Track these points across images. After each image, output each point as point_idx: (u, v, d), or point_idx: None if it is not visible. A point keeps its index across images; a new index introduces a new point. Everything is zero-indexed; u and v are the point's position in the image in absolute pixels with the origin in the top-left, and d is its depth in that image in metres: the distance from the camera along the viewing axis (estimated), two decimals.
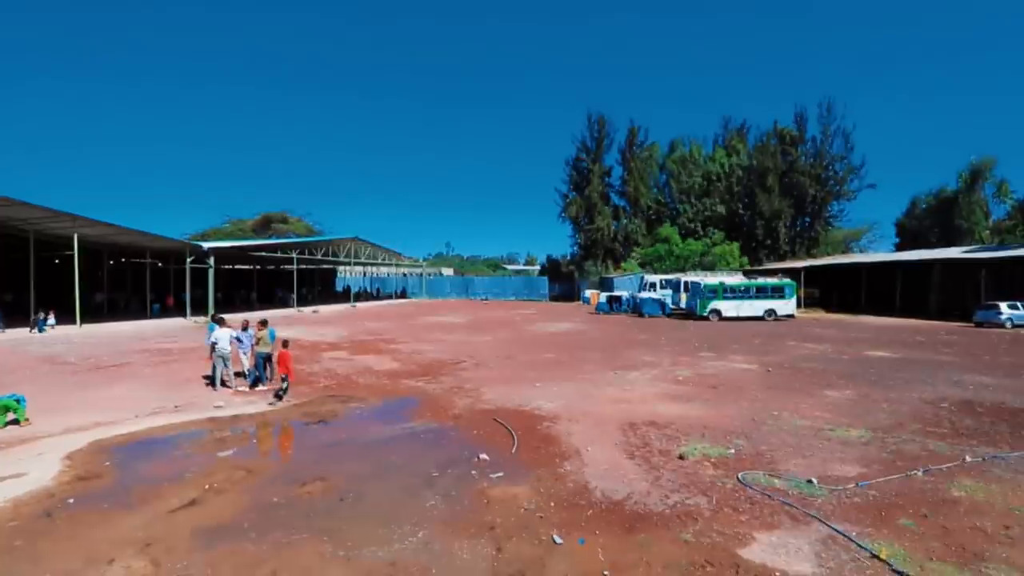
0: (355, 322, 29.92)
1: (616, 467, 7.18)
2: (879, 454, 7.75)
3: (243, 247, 39.80)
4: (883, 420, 9.62)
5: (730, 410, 10.26)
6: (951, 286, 35.21)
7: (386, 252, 54.85)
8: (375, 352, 18.17)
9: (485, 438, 8.53)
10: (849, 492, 6.34)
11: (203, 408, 10.43)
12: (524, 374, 14.06)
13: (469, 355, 17.49)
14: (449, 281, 67.92)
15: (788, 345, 20.28)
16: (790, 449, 7.95)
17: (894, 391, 12.10)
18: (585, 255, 56.07)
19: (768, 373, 14.28)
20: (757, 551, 4.98)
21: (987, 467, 7.22)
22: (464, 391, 12.06)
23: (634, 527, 5.45)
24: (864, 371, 14.67)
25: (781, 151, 52.10)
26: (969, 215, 48.55)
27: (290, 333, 23.50)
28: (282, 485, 6.56)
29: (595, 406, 10.58)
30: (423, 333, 24.14)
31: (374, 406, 10.87)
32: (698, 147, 60.64)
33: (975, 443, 8.29)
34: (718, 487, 6.49)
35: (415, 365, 15.47)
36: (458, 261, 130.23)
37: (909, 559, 4.82)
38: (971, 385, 12.82)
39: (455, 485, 6.56)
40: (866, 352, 18.49)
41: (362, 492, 6.35)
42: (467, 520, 5.59)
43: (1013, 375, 14.19)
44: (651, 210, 57.71)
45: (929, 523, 5.56)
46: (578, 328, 26.83)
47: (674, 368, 14.94)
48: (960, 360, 16.85)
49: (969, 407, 10.65)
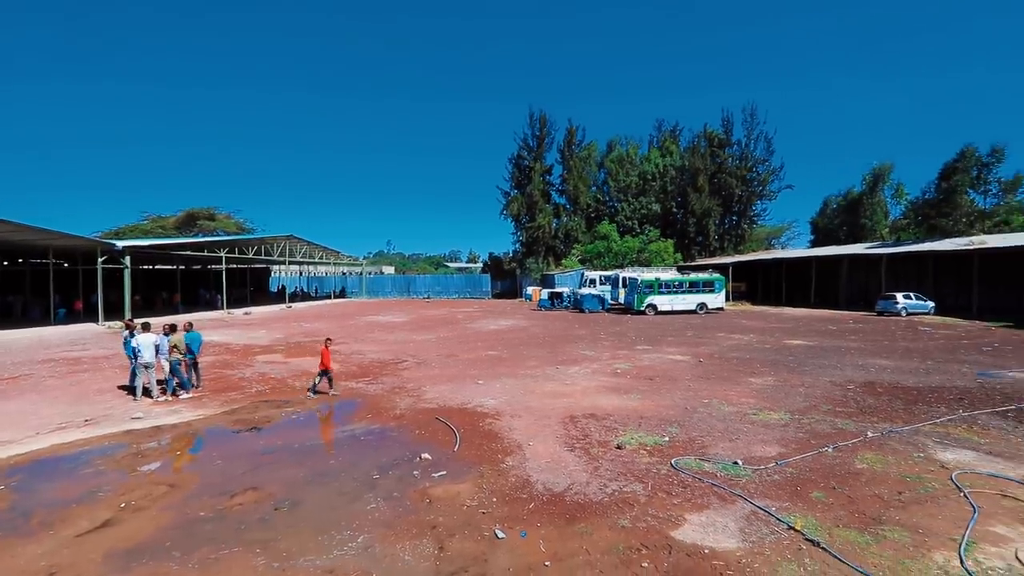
0: (291, 324, 28.63)
1: (557, 460, 7.34)
2: (796, 434, 8.40)
3: (164, 246, 36.93)
4: (799, 403, 10.44)
5: (665, 400, 10.75)
6: (857, 279, 38.71)
7: (324, 250, 52.81)
8: (312, 354, 17.47)
9: (427, 437, 8.45)
10: (769, 471, 6.84)
11: (119, 421, 9.63)
12: (466, 372, 14.04)
13: (411, 354, 17.23)
14: (390, 280, 66.44)
15: (718, 336, 21.49)
16: (718, 434, 8.45)
17: (809, 376, 13.15)
18: (527, 252, 56.59)
19: (700, 364, 15.08)
20: (688, 531, 5.27)
21: (885, 440, 8.02)
22: (406, 391, 11.88)
23: (574, 517, 5.60)
24: (784, 359, 15.83)
25: (710, 153, 54.98)
26: (872, 215, 53.37)
27: (219, 337, 22.15)
28: (210, 498, 6.19)
29: (537, 401, 10.75)
30: (363, 333, 23.50)
31: (311, 410, 10.48)
32: (634, 147, 62.77)
33: (875, 420, 9.18)
34: (653, 473, 6.79)
35: (355, 366, 15.04)
36: (399, 259, 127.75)
37: (820, 528, 5.28)
38: (873, 368, 14.16)
39: (397, 486, 6.47)
40: (785, 341, 19.94)
41: (298, 500, 6.12)
42: (409, 521, 5.53)
43: (907, 358, 15.81)
44: (590, 208, 59.11)
45: (837, 494, 6.10)
46: (520, 325, 27.09)
47: (613, 361, 15.44)
48: (864, 346, 18.56)
49: (871, 388, 11.77)
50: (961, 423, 8.94)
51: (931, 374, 13.28)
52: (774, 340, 20.18)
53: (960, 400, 10.57)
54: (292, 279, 64.56)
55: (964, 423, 8.94)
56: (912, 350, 17.47)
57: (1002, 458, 7.25)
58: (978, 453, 7.46)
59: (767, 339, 20.51)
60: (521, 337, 21.79)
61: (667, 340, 20.37)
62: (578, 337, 21.56)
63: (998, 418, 9.26)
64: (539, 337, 21.72)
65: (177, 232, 59.18)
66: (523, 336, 22.17)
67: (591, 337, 21.53)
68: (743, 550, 4.88)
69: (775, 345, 18.83)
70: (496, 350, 18.04)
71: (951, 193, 41.98)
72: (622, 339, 20.77)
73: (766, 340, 20.20)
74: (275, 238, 44.71)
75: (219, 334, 23.45)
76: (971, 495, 5.96)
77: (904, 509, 5.71)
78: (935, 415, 9.42)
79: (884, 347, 18.22)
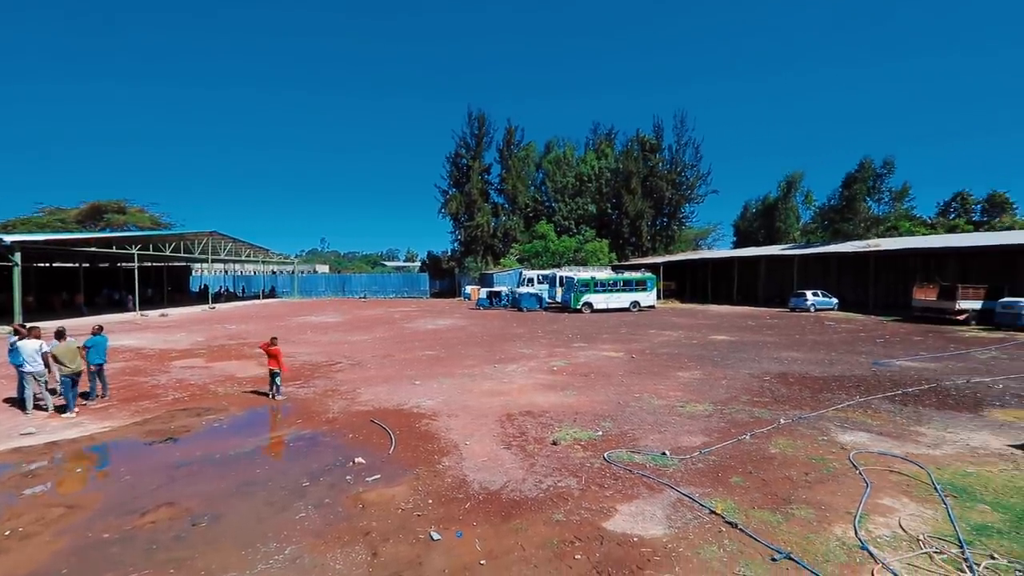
0: (214, 326, 26.81)
1: (494, 458, 7.38)
2: (718, 424, 8.95)
3: (64, 241, 33.27)
4: (722, 395, 11.12)
5: (599, 396, 11.09)
6: (774, 278, 41.79)
7: (251, 248, 49.88)
8: (238, 357, 16.48)
9: (361, 441, 8.22)
10: (694, 459, 7.24)
11: (5, 438, 8.61)
12: (403, 372, 13.79)
13: (345, 356, 16.67)
14: (324, 279, 63.85)
15: (649, 333, 22.45)
16: (648, 427, 8.83)
17: (731, 369, 14.04)
18: (466, 251, 56.40)
19: (632, 360, 15.68)
20: (619, 521, 5.47)
21: (795, 426, 8.72)
22: (339, 393, 11.48)
23: (510, 514, 5.65)
24: (709, 353, 16.80)
25: (643, 157, 57.30)
26: (785, 218, 57.91)
27: (130, 341, 20.37)
28: (115, 518, 5.68)
29: (474, 400, 10.74)
30: (294, 334, 22.43)
31: (236, 417, 9.87)
32: (571, 149, 64.19)
33: (787, 408, 9.96)
34: (587, 467, 6.99)
35: (287, 369, 14.30)
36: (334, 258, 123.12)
37: (738, 510, 5.66)
38: (786, 360, 15.36)
39: (328, 493, 6.24)
40: (710, 337, 21.18)
41: (219, 513, 5.75)
42: (340, 528, 5.35)
43: (815, 350, 17.29)
44: (529, 208, 59.82)
45: (753, 478, 6.57)
46: (459, 324, 26.96)
47: (549, 359, 15.72)
48: (778, 340, 20.08)
49: (784, 379, 12.76)
50: (858, 408, 9.90)
51: (834, 365, 14.59)
52: (700, 336, 21.36)
53: (858, 387, 11.70)
54: (216, 278, 60.46)
55: (860, 408, 9.91)
56: (819, 343, 19.11)
57: (890, 438, 8.11)
58: (871, 434, 8.29)
59: (694, 335, 21.68)
60: (459, 336, 21.69)
61: (602, 337, 21.02)
62: (516, 336, 21.77)
63: (888, 402, 10.34)
64: (477, 336, 21.72)
65: (80, 226, 53.63)
66: (461, 335, 22.07)
67: (529, 335, 21.81)
68: (669, 536, 5.14)
69: (701, 341, 19.94)
70: (434, 350, 17.84)
71: (852, 200, 46.32)
72: (559, 337, 21.19)
73: (693, 336, 21.35)
74: (196, 234, 41.65)
75: (131, 338, 21.56)
76: (865, 472, 6.62)
77: (810, 488, 6.24)
78: (837, 401, 10.36)
79: (795, 341, 19.80)
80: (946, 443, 7.89)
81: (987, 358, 15.73)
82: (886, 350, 17.28)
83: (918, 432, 8.43)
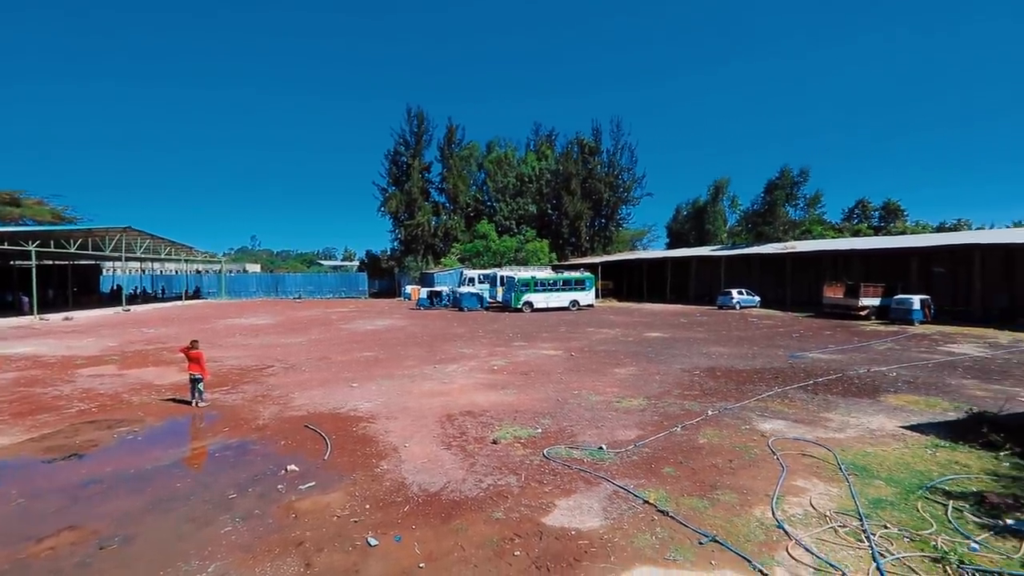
0: (129, 329, 24.67)
1: (434, 459, 7.31)
2: (652, 417, 9.34)
3: None
4: (655, 389, 11.62)
5: (539, 393, 11.26)
6: (704, 277, 44.14)
7: (172, 245, 46.24)
8: (156, 364, 15.28)
9: (295, 448, 7.87)
10: (629, 452, 7.52)
11: None
12: (340, 375, 13.34)
13: (278, 359, 15.89)
14: (255, 279, 60.42)
15: (588, 331, 23.05)
16: (586, 422, 9.07)
17: (664, 364, 14.70)
18: (406, 250, 55.38)
19: (571, 358, 16.04)
20: (557, 516, 5.58)
21: (721, 417, 9.27)
22: (271, 399, 10.93)
23: (450, 515, 5.62)
24: (644, 350, 17.50)
25: (582, 159, 58.71)
26: (714, 221, 61.38)
27: (26, 348, 18.37)
28: (5, 548, 5.10)
29: (414, 401, 10.59)
30: (222, 338, 21.09)
31: (153, 428, 9.15)
32: (513, 149, 64.67)
33: (715, 400, 10.57)
34: (527, 465, 7.08)
35: (211, 375, 13.41)
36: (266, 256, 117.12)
37: (669, 499, 5.94)
38: (714, 355, 16.29)
39: (258, 504, 5.93)
40: (646, 334, 22.07)
41: (132, 534, 5.31)
42: (271, 540, 5.11)
43: (739, 345, 18.46)
44: (470, 207, 59.63)
45: (683, 467, 6.91)
46: (398, 324, 26.44)
47: (490, 358, 15.77)
48: (707, 336, 21.26)
49: (712, 372, 13.53)
50: (776, 398, 10.68)
51: (756, 358, 15.65)
52: (636, 334, 22.20)
53: (776, 378, 12.61)
54: (132, 278, 55.71)
55: (778, 398, 10.69)
56: (743, 338, 20.42)
57: (804, 424, 8.81)
58: (787, 421, 8.97)
59: (630, 333, 22.50)
60: (399, 337, 21.27)
61: (542, 336, 21.35)
62: (457, 335, 21.65)
63: (802, 391, 11.23)
64: (417, 336, 21.40)
65: None
66: (401, 336, 21.66)
67: (469, 335, 21.76)
68: (605, 527, 5.31)
69: (637, 338, 20.73)
70: (373, 351, 17.39)
71: (773, 205, 49.78)
72: (500, 336, 21.30)
73: (629, 334, 22.15)
74: (107, 230, 37.99)
75: (26, 344, 19.43)
76: (782, 457, 7.16)
77: (734, 474, 6.66)
78: (758, 392, 11.12)
79: (722, 336, 21.04)
80: (849, 427, 8.69)
81: (884, 349, 17.45)
82: (800, 344, 18.74)
83: (827, 418, 9.21)
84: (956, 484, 6.30)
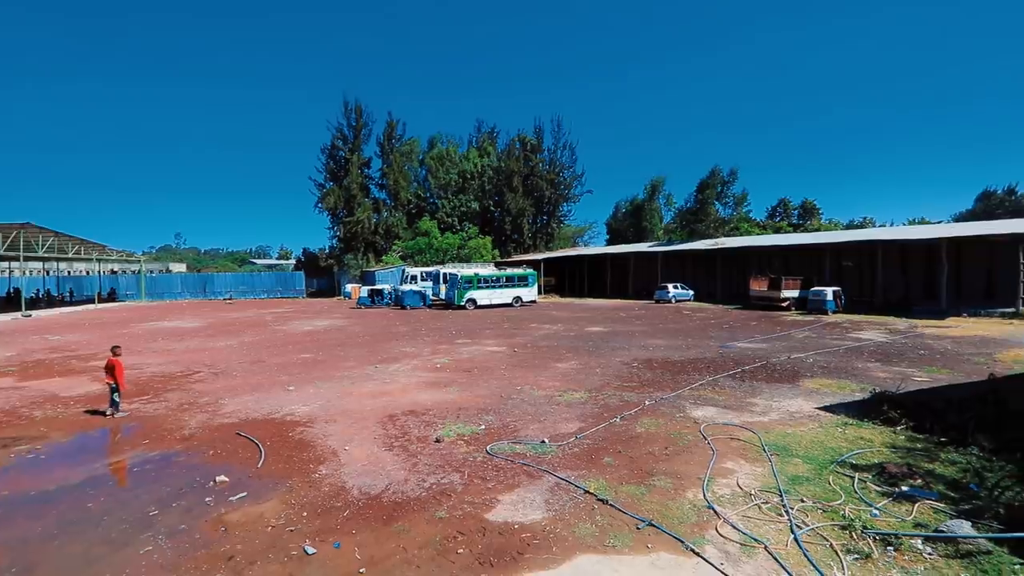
0: (30, 337, 22.29)
1: (375, 461, 7.15)
2: (592, 410, 9.60)
3: None
4: (596, 382, 11.95)
5: (482, 390, 11.28)
6: (642, 272, 45.85)
7: (81, 243, 42.17)
8: (63, 374, 13.92)
9: (225, 457, 7.44)
10: (571, 445, 7.69)
11: None
12: (275, 378, 12.74)
13: (206, 364, 14.93)
14: (180, 278, 56.32)
15: (531, 327, 23.33)
16: (529, 417, 9.18)
17: (604, 357, 15.14)
18: (345, 248, 53.63)
19: (514, 353, 16.18)
20: (501, 511, 5.62)
21: (657, 407, 9.68)
22: (198, 406, 10.27)
23: (392, 517, 5.53)
24: (585, 344, 17.94)
25: (524, 157, 59.23)
26: (651, 218, 63.85)
27: None
28: None
29: (354, 403, 10.30)
30: (141, 343, 19.52)
31: (59, 444, 8.34)
32: (455, 146, 64.18)
33: (652, 390, 11.02)
34: (470, 462, 7.07)
35: (128, 383, 12.38)
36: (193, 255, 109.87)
37: (608, 487, 6.13)
38: (651, 347, 16.97)
39: (183, 519, 5.56)
40: (587, 328, 22.63)
41: (34, 563, 4.82)
42: (198, 557, 4.80)
43: (675, 337, 19.34)
44: (411, 204, 58.64)
45: (622, 457, 7.16)
46: (338, 324, 25.59)
47: (433, 356, 15.61)
48: (645, 329, 22.11)
49: (649, 364, 14.09)
50: (708, 386, 11.28)
51: (690, 349, 16.46)
52: (578, 328, 22.71)
53: (708, 368, 13.33)
54: (33, 280, 50.41)
55: (710, 386, 11.30)
56: (678, 330, 21.41)
57: (732, 410, 9.37)
58: (718, 408, 9.51)
59: (572, 328, 22.99)
60: (338, 337, 20.60)
61: (485, 333, 21.38)
62: (399, 334, 21.26)
63: (731, 379, 11.94)
64: (358, 336, 20.81)
65: None
66: (341, 336, 20.98)
67: (412, 333, 21.43)
68: (547, 519, 5.41)
69: (578, 333, 21.21)
70: (310, 352, 16.73)
71: (704, 204, 52.39)
72: (443, 334, 21.13)
73: (571, 329, 22.63)
74: (1, 227, 34.12)
75: None
76: (712, 442, 7.58)
77: (669, 461, 6.98)
78: (692, 382, 11.70)
79: (659, 329, 21.95)
80: (772, 410, 9.33)
81: (802, 337, 18.88)
82: (730, 334, 19.89)
83: (753, 403, 9.85)
84: (861, 458, 6.93)
